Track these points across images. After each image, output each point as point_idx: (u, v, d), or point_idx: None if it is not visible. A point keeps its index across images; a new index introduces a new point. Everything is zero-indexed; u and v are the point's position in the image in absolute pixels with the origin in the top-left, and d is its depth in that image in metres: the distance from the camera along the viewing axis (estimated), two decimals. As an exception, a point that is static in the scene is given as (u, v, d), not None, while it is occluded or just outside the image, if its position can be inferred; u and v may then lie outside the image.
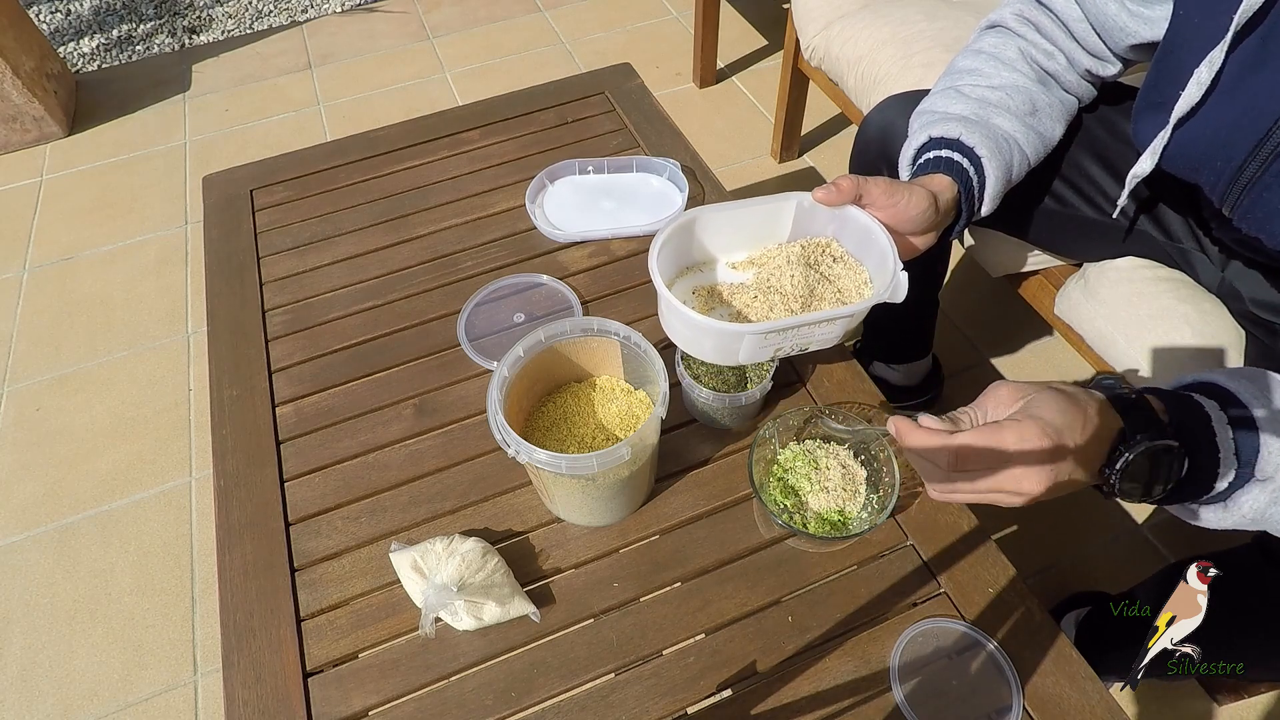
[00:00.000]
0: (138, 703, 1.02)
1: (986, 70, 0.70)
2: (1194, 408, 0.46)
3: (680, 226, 0.60)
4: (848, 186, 0.59)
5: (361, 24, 2.18)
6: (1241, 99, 0.54)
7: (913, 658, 0.56)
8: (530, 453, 0.53)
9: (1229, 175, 0.57)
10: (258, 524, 0.65)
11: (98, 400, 1.35)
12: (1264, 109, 0.52)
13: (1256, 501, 0.44)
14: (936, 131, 0.65)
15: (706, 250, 0.65)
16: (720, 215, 0.62)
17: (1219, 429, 0.45)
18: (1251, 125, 0.53)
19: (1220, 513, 0.46)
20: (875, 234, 0.60)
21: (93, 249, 1.61)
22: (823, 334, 0.59)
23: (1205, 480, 0.45)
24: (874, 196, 0.59)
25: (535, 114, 1.02)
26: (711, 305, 0.62)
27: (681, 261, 0.65)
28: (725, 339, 0.56)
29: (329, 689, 0.56)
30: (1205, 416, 0.45)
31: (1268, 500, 0.44)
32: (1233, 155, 0.56)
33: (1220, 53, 0.53)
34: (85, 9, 2.23)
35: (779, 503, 0.60)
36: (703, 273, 0.65)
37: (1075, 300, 0.87)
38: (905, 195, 0.60)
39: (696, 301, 0.63)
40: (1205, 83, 0.55)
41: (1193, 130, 0.58)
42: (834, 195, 0.59)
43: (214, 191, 0.95)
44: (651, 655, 0.57)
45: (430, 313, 0.80)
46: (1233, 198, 0.58)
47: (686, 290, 0.64)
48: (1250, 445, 0.44)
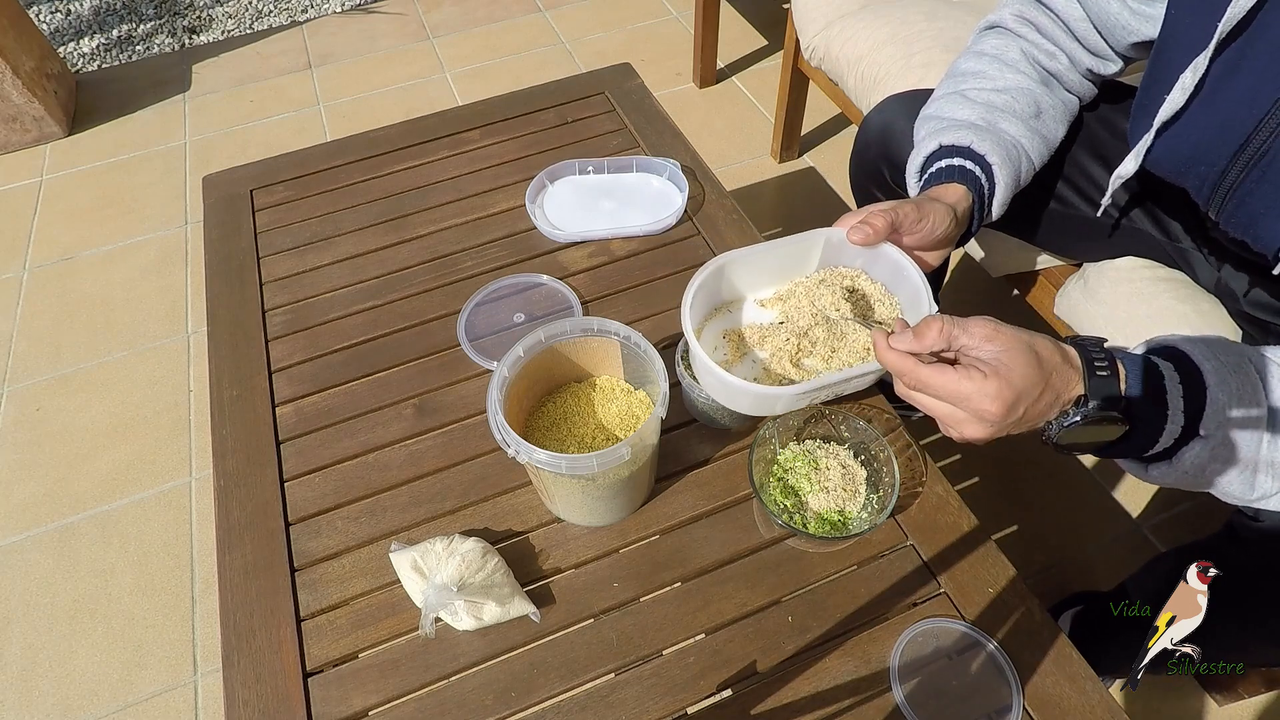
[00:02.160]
0: (138, 703, 1.02)
1: (990, 73, 0.69)
2: (1152, 368, 0.48)
3: (711, 273, 0.59)
4: (882, 225, 0.58)
5: (361, 24, 2.18)
6: (1222, 105, 0.54)
7: (913, 658, 0.56)
8: (530, 453, 0.53)
9: (1212, 181, 0.57)
10: (258, 524, 0.65)
11: (98, 400, 1.35)
12: (1243, 116, 0.53)
13: (1199, 457, 0.46)
14: (947, 139, 0.65)
15: (735, 288, 0.64)
16: (749, 256, 0.61)
17: (1170, 388, 0.46)
18: (1232, 132, 0.54)
19: (1165, 468, 0.48)
20: (907, 271, 0.59)
21: (93, 249, 1.61)
22: (856, 385, 0.59)
23: (1152, 435, 0.47)
24: (907, 224, 0.59)
25: (535, 114, 1.02)
26: (743, 352, 0.62)
27: (710, 302, 0.64)
28: (762, 401, 0.57)
29: (329, 689, 0.56)
30: (1160, 376, 0.47)
31: (1209, 456, 0.46)
32: (1215, 161, 0.56)
33: (1204, 59, 0.53)
34: (85, 9, 2.23)
35: (779, 503, 0.60)
36: (731, 313, 0.64)
37: (1075, 300, 0.87)
38: (930, 216, 0.60)
39: (728, 347, 0.62)
40: (1189, 88, 0.55)
41: (1177, 135, 0.58)
42: (869, 236, 0.58)
43: (214, 191, 0.95)
44: (651, 655, 0.57)
45: (430, 313, 0.80)
46: (1217, 202, 0.58)
47: (717, 334, 0.63)
48: (1196, 404, 0.46)
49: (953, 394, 0.47)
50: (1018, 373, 0.46)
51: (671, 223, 0.86)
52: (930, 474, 0.65)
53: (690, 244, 0.85)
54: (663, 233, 0.86)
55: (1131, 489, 1.15)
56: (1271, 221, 0.54)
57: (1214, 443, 0.45)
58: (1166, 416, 0.46)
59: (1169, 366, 0.47)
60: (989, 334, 0.48)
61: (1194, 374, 0.46)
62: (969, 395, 0.46)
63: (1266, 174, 0.53)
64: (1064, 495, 1.15)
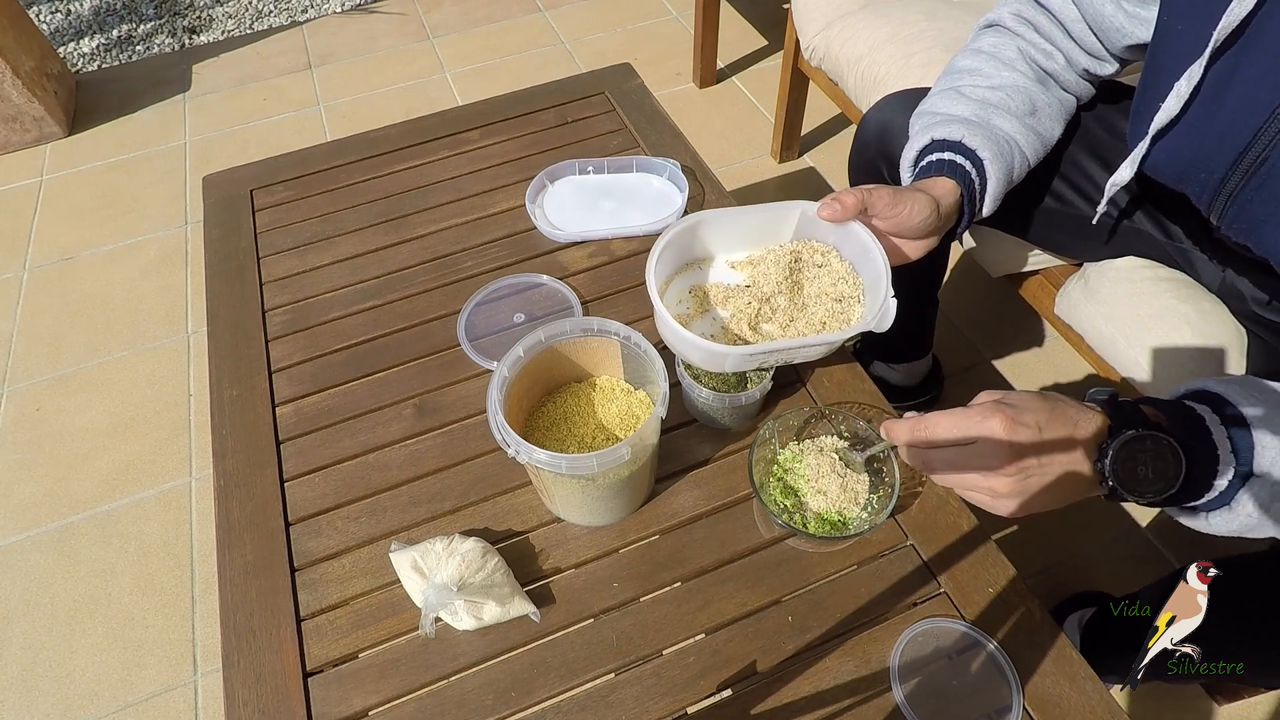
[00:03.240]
0: (138, 703, 1.02)
1: (986, 70, 0.69)
2: (1188, 413, 0.46)
3: (684, 229, 0.61)
4: (851, 203, 0.58)
5: (361, 24, 2.18)
6: (1220, 113, 0.54)
7: (913, 658, 0.56)
8: (530, 453, 0.53)
9: (1212, 188, 0.57)
10: (258, 524, 0.65)
11: (98, 400, 1.35)
12: (1242, 123, 0.53)
13: (1259, 497, 0.44)
14: (939, 133, 0.65)
15: (707, 247, 0.65)
16: (724, 217, 0.62)
17: (1214, 429, 0.45)
18: (1230, 140, 0.54)
19: (1226, 515, 0.46)
20: (873, 254, 0.60)
21: (93, 249, 1.61)
22: (805, 355, 0.60)
23: (1206, 479, 0.45)
24: (879, 208, 0.59)
25: (535, 114, 1.02)
26: (705, 309, 0.63)
27: (682, 257, 0.65)
28: (711, 357, 0.58)
29: (329, 689, 0.56)
30: (1199, 419, 0.46)
31: (1269, 495, 0.44)
32: (1214, 169, 0.56)
33: (1200, 67, 0.53)
34: (85, 9, 2.23)
35: (779, 503, 0.60)
36: (702, 270, 0.65)
37: (1075, 300, 0.87)
38: (908, 204, 0.60)
39: (692, 302, 0.64)
40: (1185, 95, 0.55)
41: (1174, 142, 0.58)
42: (838, 212, 0.58)
43: (214, 191, 0.95)
44: (651, 655, 0.57)
45: (430, 313, 0.80)
46: (1218, 209, 0.58)
47: (684, 289, 0.65)
48: (1245, 443, 0.44)
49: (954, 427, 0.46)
50: (1013, 395, 0.47)
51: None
52: (930, 474, 0.65)
53: (690, 244, 0.85)
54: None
55: (1131, 489, 1.15)
56: (1273, 228, 0.54)
57: (1272, 480, 0.44)
58: (1218, 457, 0.44)
59: (1205, 408, 0.46)
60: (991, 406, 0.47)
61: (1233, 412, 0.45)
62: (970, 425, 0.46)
63: (1267, 181, 0.53)
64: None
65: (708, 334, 0.62)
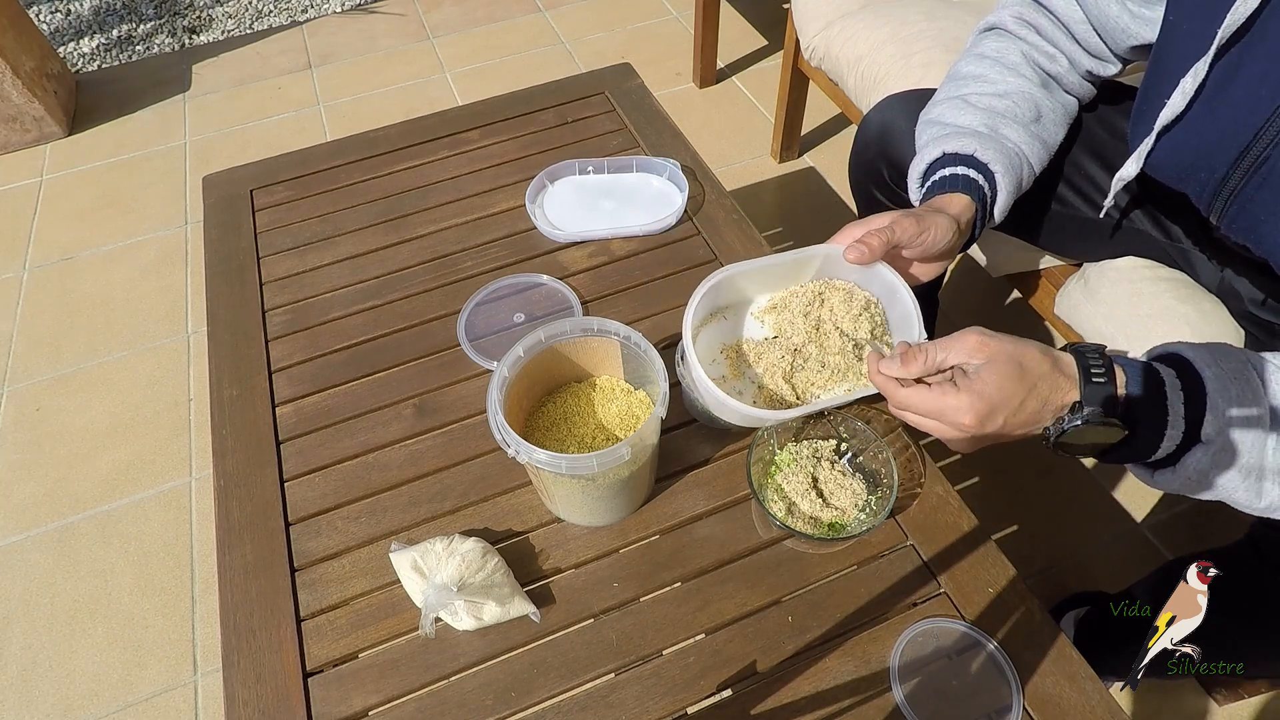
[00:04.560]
0: (138, 703, 1.02)
1: (992, 76, 0.69)
2: (1152, 374, 0.48)
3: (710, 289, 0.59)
4: (878, 245, 0.58)
5: (361, 24, 2.18)
6: (1222, 111, 0.54)
7: (913, 658, 0.56)
8: (530, 453, 0.53)
9: (1213, 186, 0.57)
10: (258, 524, 0.65)
11: (98, 400, 1.35)
12: (1242, 121, 0.53)
13: (1200, 463, 0.46)
14: (950, 146, 0.65)
15: (731, 296, 0.65)
16: (746, 270, 0.61)
17: (1171, 394, 0.46)
18: (1232, 138, 0.54)
19: (1169, 474, 0.48)
20: (900, 295, 0.59)
21: (93, 249, 1.61)
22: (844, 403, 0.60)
23: (1153, 440, 0.47)
24: (905, 239, 0.59)
25: (535, 114, 1.02)
26: (740, 370, 0.62)
27: (708, 308, 0.64)
28: (752, 420, 0.59)
29: (329, 689, 0.56)
30: (1160, 381, 0.47)
31: (1210, 462, 0.46)
32: (1215, 167, 0.56)
33: (1204, 64, 0.53)
34: (85, 9, 2.23)
35: (777, 504, 0.60)
36: (726, 320, 0.65)
37: (1075, 300, 0.87)
38: (932, 229, 0.59)
39: (725, 363, 0.63)
40: (1189, 92, 0.55)
41: (1176, 140, 0.58)
42: (865, 255, 0.58)
43: (214, 191, 0.95)
44: (651, 655, 0.57)
45: (430, 313, 0.80)
46: (1218, 208, 0.58)
47: (715, 348, 0.63)
48: (1197, 409, 0.46)
49: (930, 410, 0.50)
50: (993, 384, 0.48)
51: (671, 223, 0.86)
52: (930, 474, 0.65)
53: (690, 244, 0.85)
54: (663, 233, 0.86)
55: (1132, 489, 1.15)
56: (1273, 228, 0.54)
57: (1215, 448, 0.45)
58: (1167, 422, 0.46)
59: (1170, 373, 0.47)
60: (975, 346, 0.49)
61: (1195, 379, 0.46)
62: (943, 410, 0.49)
63: (1267, 180, 0.53)
64: (1064, 495, 1.15)
65: (744, 393, 0.61)
